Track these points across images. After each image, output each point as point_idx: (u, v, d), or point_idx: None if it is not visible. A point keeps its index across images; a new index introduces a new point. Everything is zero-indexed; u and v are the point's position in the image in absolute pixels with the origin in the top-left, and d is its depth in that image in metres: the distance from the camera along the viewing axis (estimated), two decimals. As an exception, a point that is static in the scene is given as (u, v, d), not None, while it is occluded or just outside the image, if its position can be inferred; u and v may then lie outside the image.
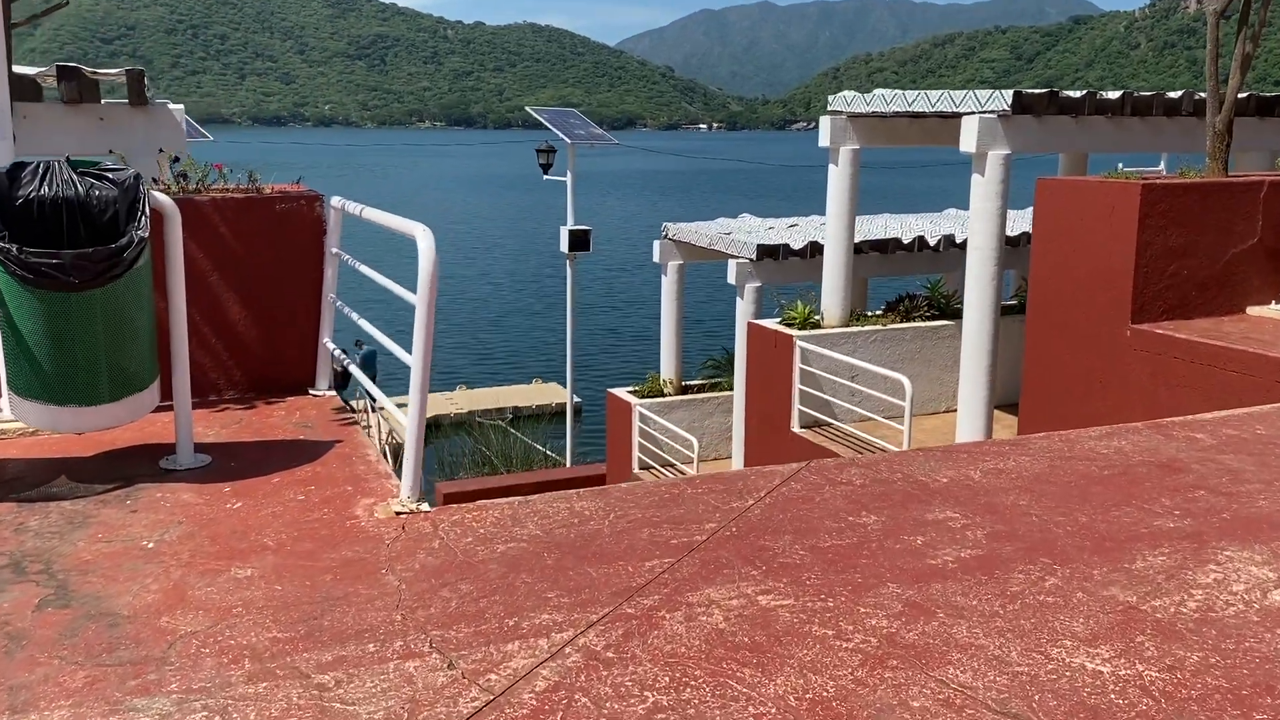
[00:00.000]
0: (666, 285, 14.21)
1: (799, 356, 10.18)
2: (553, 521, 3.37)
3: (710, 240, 13.04)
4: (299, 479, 3.73)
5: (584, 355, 29.73)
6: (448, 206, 73.85)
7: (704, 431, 14.03)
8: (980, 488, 3.75)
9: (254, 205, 4.68)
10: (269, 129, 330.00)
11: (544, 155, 17.32)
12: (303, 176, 5.35)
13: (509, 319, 35.57)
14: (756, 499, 3.59)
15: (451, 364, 29.83)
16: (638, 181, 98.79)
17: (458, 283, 42.73)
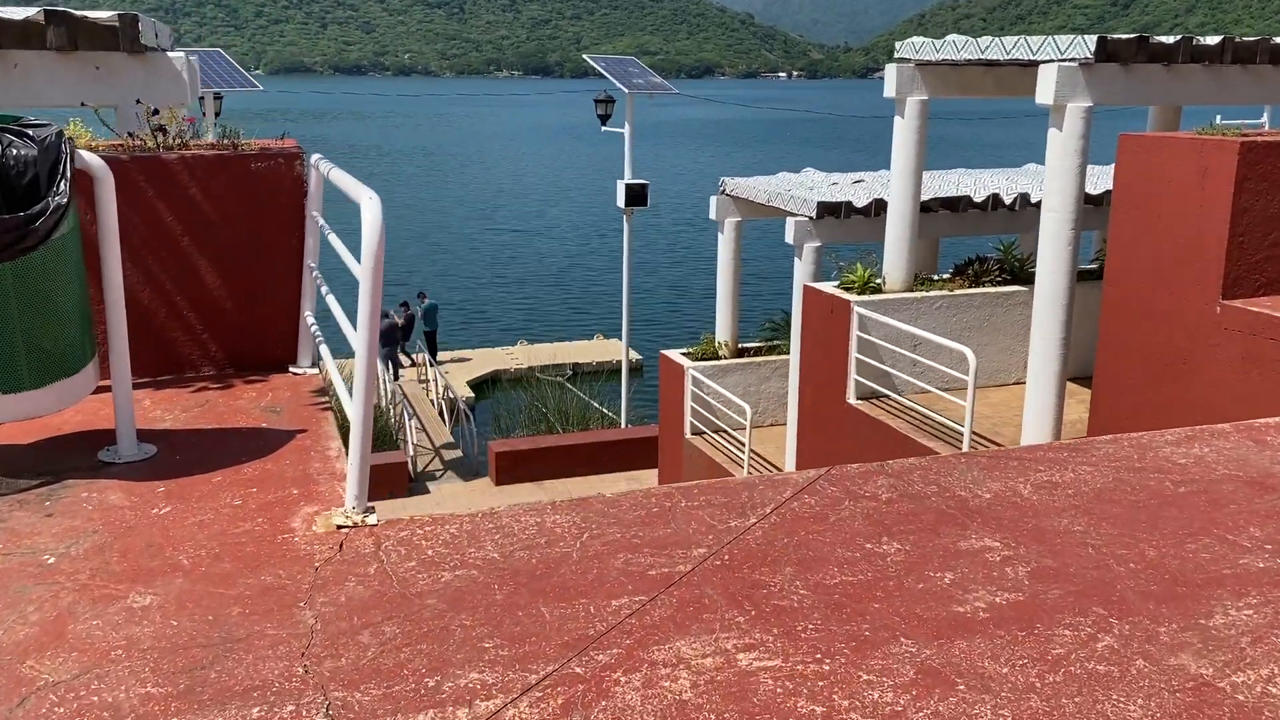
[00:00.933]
0: (723, 243, 13.58)
1: (856, 323, 9.54)
2: (516, 542, 2.89)
3: (769, 196, 12.36)
4: (244, 478, 3.30)
5: (647, 313, 29.22)
6: (518, 157, 73.35)
7: (760, 396, 13.48)
8: (1029, 507, 3.17)
9: (227, 164, 4.24)
10: (349, 78, 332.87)
11: (602, 106, 16.72)
12: (286, 131, 4.89)
13: (572, 273, 35.13)
14: (760, 517, 3.06)
15: (512, 318, 29.54)
16: (711, 132, 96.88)
17: (521, 236, 42.33)
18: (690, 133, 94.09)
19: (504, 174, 63.41)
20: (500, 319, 29.61)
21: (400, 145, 79.85)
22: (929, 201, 11.55)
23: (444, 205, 50.89)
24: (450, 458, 17.31)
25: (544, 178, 61.33)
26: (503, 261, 37.74)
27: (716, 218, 13.41)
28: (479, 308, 31.03)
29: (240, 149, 4.37)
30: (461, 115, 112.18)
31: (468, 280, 34.74)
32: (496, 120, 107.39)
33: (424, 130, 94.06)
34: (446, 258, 38.59)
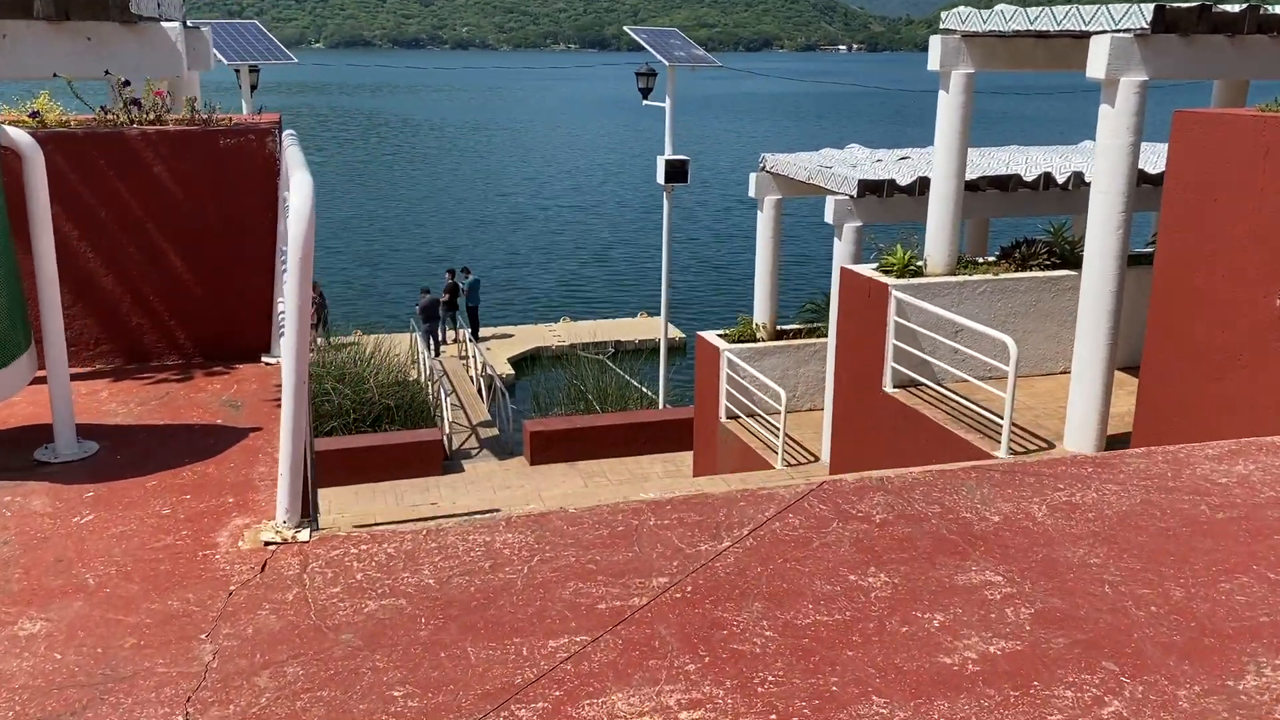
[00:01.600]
0: (762, 222, 13.17)
1: (894, 308, 9.12)
2: (457, 565, 2.61)
3: (809, 174, 11.92)
4: (181, 482, 3.05)
5: (691, 291, 28.77)
6: (568, 130, 72.89)
7: (797, 380, 13.10)
8: (1042, 533, 2.82)
9: (193, 141, 3.98)
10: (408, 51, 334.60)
11: (643, 79, 16.31)
12: (264, 106, 4.62)
13: (617, 249, 34.71)
14: (734, 540, 2.75)
15: (556, 294, 29.28)
16: (763, 106, 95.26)
17: (566, 211, 41.92)
18: (741, 107, 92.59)
19: (552, 148, 63.02)
20: (544, 295, 29.37)
21: (454, 119, 79.74)
22: (976, 180, 11.05)
23: (492, 179, 50.69)
24: (486, 436, 17.15)
25: (592, 152, 60.84)
26: (548, 237, 37.45)
27: (756, 195, 13.00)
28: (523, 283, 30.83)
29: (211, 124, 4.11)
30: (516, 88, 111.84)
31: (512, 255, 34.53)
32: (550, 93, 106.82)
33: (477, 104, 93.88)
34: (492, 232, 38.43)
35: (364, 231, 38.52)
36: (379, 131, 71.85)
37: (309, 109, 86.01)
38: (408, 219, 40.99)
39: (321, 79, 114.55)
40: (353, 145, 64.29)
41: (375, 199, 45.54)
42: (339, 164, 56.12)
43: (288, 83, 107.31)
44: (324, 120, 77.16)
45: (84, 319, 4.00)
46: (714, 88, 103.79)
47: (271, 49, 14.14)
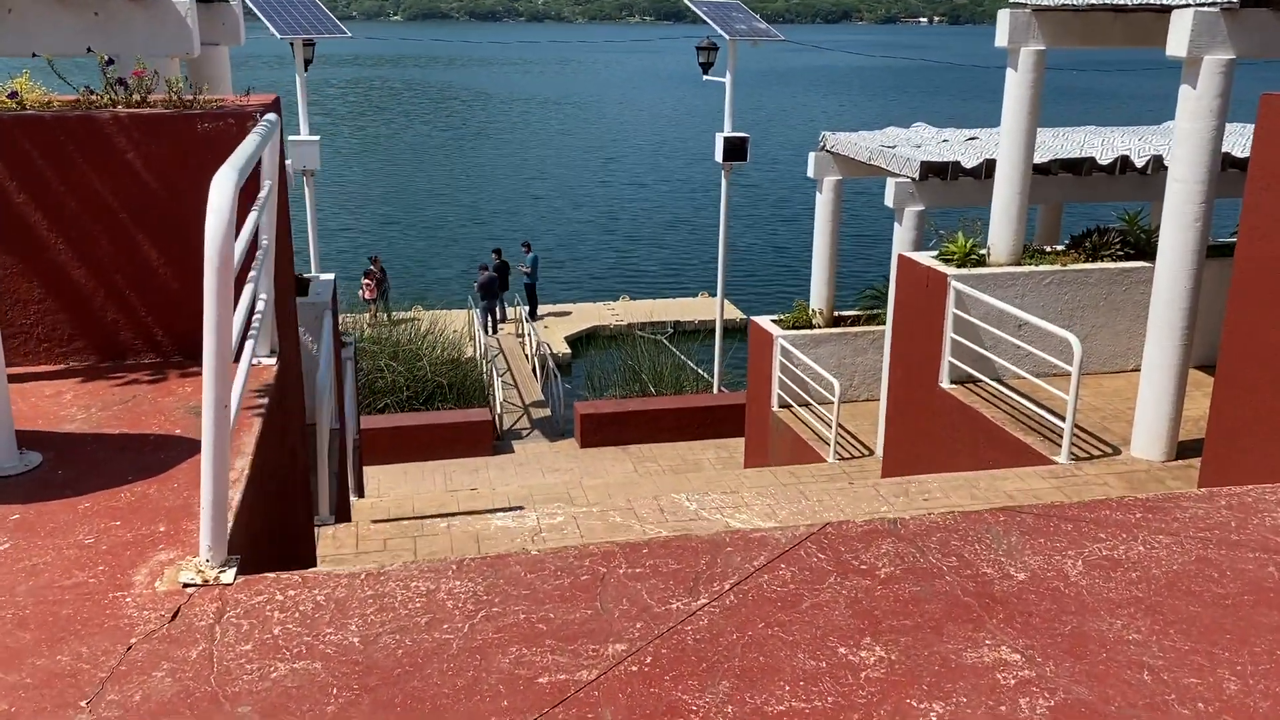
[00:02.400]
0: (821, 203, 12.67)
1: (953, 299, 8.62)
2: (390, 620, 2.29)
3: (870, 154, 11.39)
4: (116, 505, 2.79)
5: (753, 273, 28.17)
6: (636, 105, 72.08)
7: (854, 370, 12.62)
8: (1074, 597, 2.42)
9: (169, 125, 3.71)
10: (485, 24, 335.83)
11: (704, 53, 15.82)
12: (253, 87, 4.35)
13: (679, 227, 34.07)
14: (713, 596, 2.39)
15: (616, 272, 28.87)
16: (836, 80, 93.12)
17: (629, 188, 41.31)
18: (812, 81, 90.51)
19: (618, 123, 62.41)
20: (603, 273, 29.00)
21: (524, 93, 79.48)
22: (1047, 163, 10.44)
23: (556, 154, 50.33)
24: (538, 417, 16.95)
25: (658, 127, 60.07)
26: (609, 213, 36.95)
27: (815, 176, 12.50)
28: (583, 261, 30.48)
29: (193, 106, 3.84)
30: (587, 62, 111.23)
31: (573, 232, 34.16)
32: (620, 66, 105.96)
33: (548, 77, 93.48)
34: (554, 208, 38.12)
35: (428, 206, 38.51)
36: (450, 105, 71.88)
37: (382, 81, 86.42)
38: (472, 194, 40.89)
39: (400, 52, 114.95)
40: (423, 119, 64.40)
41: (442, 173, 45.55)
42: (409, 138, 56.29)
43: (364, 55, 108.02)
44: (396, 94, 77.48)
45: (55, 314, 3.78)
46: (785, 61, 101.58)
47: (325, 22, 13.96)
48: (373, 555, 5.97)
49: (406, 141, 54.92)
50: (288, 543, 4.11)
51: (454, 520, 6.37)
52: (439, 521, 6.36)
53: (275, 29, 13.35)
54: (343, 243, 32.05)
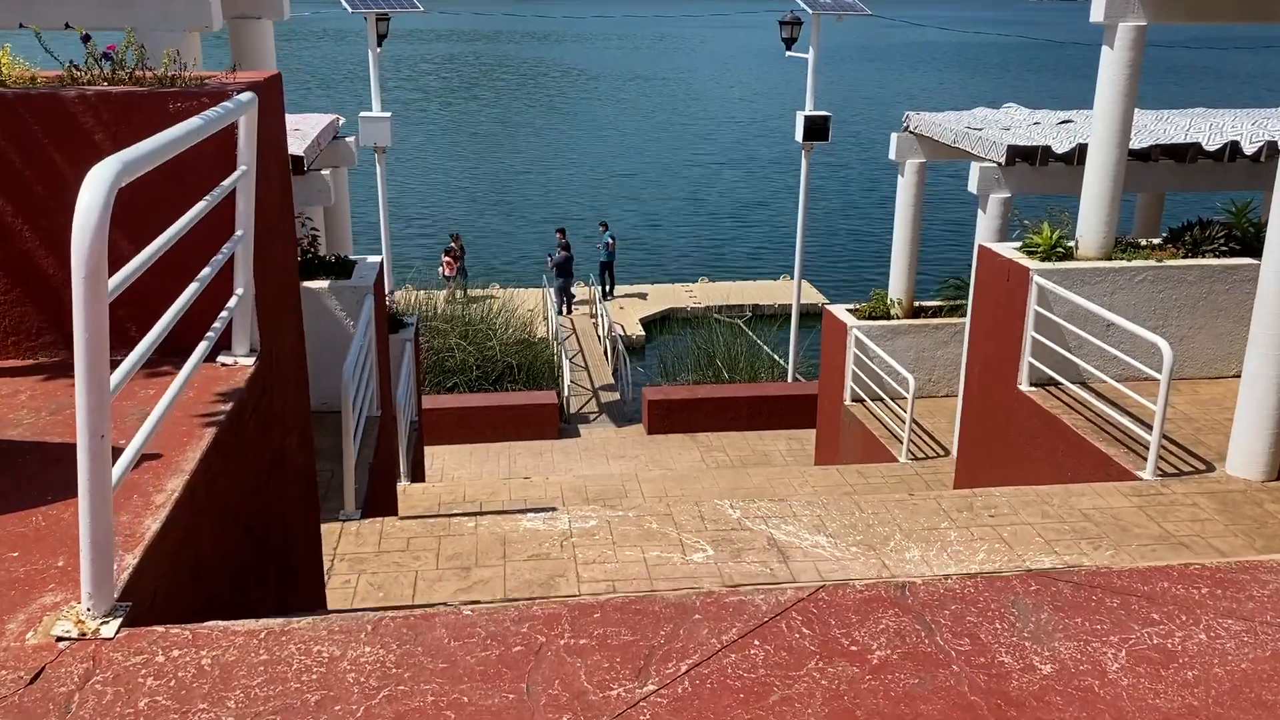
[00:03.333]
0: (903, 187, 12.03)
1: (1035, 296, 7.99)
2: (277, 693, 1.95)
3: (955, 136, 10.72)
4: (23, 531, 2.50)
5: (834, 257, 27.32)
6: (726, 80, 70.85)
7: (934, 364, 12.01)
8: (1111, 702, 1.95)
9: (138, 105, 3.43)
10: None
11: (787, 28, 15.21)
12: (238, 64, 4.04)
13: (761, 207, 33.21)
14: (664, 681, 2.00)
15: (696, 253, 28.31)
16: (934, 57, 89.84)
17: (711, 167, 40.53)
18: (902, 57, 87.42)
19: (705, 99, 61.40)
20: (683, 253, 28.49)
21: (613, 69, 78.87)
22: (1146, 149, 9.68)
23: (640, 131, 49.73)
24: (607, 400, 16.66)
25: (743, 104, 58.95)
26: (692, 192, 36.31)
27: (896, 158, 11.88)
28: (663, 241, 29.97)
29: (173, 84, 3.55)
30: (681, 37, 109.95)
31: (653, 211, 33.63)
32: (717, 41, 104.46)
33: (642, 52, 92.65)
34: (634, 186, 37.65)
35: (510, 183, 38.40)
36: (538, 81, 71.77)
37: (476, 56, 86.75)
38: (554, 171, 40.64)
39: (495, 27, 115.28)
40: (510, 94, 64.41)
41: (528, 149, 45.44)
42: (495, 113, 56.31)
43: (455, 30, 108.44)
44: (488, 70, 77.67)
45: (22, 306, 3.54)
46: (878, 36, 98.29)
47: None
48: (394, 555, 5.71)
49: (493, 117, 54.99)
50: (273, 555, 3.84)
51: (482, 520, 6.07)
52: (467, 520, 6.07)
53: (348, 3, 13.19)
54: (424, 220, 32.13)
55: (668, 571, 5.56)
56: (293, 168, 8.97)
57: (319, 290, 7.36)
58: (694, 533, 6.00)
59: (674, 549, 5.81)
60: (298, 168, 8.96)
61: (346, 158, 10.91)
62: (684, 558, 5.72)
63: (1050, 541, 5.95)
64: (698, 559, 5.71)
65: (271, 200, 4.02)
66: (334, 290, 7.35)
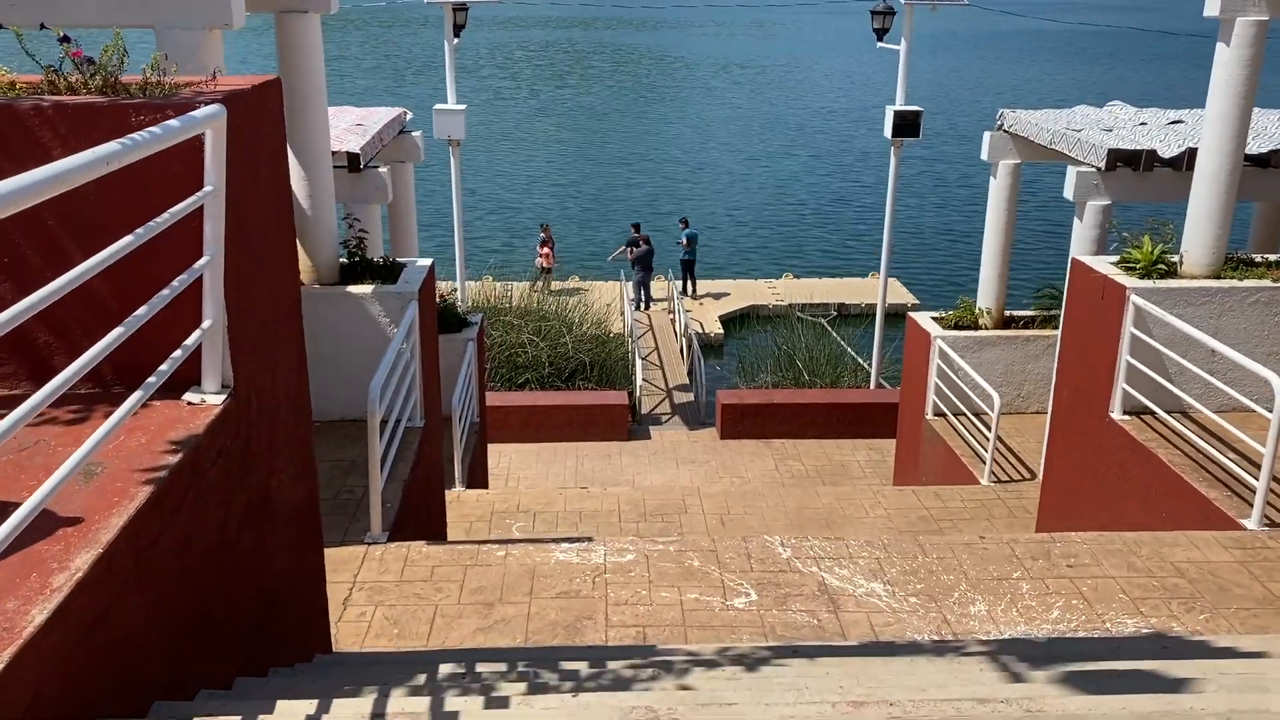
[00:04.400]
0: (995, 189, 11.29)
1: (1131, 316, 7.29)
2: None
3: (1051, 136, 9.97)
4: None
5: (933, 259, 26.26)
6: (823, 69, 69.25)
7: (1024, 378, 11.28)
8: None
9: (96, 118, 3.11)
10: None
11: (879, 18, 14.49)
12: (218, 69, 3.70)
13: (850, 202, 32.16)
14: None
15: (779, 248, 27.53)
16: (1039, 46, 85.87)
17: (802, 159, 39.52)
18: (1004, 47, 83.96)
19: (798, 88, 60.08)
20: (769, 247, 27.77)
21: (707, 56, 77.90)
22: (1266, 154, 8.85)
23: (729, 121, 48.85)
24: (681, 401, 16.22)
25: (838, 93, 57.49)
26: (780, 185, 35.41)
27: (989, 158, 11.17)
28: (748, 234, 29.22)
29: (143, 92, 3.22)
30: (780, 23, 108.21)
31: (738, 203, 32.88)
32: (819, 28, 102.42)
33: (737, 40, 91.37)
34: (723, 177, 36.94)
35: (595, 174, 38.06)
36: (628, 69, 71.28)
37: (568, 43, 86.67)
38: (640, 162, 40.13)
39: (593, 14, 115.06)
40: (600, 82, 64.08)
41: (616, 139, 45.06)
42: (582, 103, 56.05)
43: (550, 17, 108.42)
44: (581, 57, 77.49)
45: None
46: (977, 23, 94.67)
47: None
48: (415, 585, 5.38)
49: (582, 105, 54.72)
50: (247, 612, 3.51)
51: (513, 549, 5.70)
52: (496, 549, 5.71)
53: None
54: (507, 210, 31.96)
55: (704, 618, 5.12)
56: (349, 165, 8.75)
57: (361, 296, 7.08)
58: (738, 573, 5.54)
59: (714, 591, 5.36)
60: (354, 165, 8.72)
61: (412, 153, 10.66)
62: (724, 602, 5.26)
63: (1136, 600, 5.33)
64: (739, 604, 5.25)
65: (263, 218, 3.68)
66: (377, 296, 7.06)
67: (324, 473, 6.65)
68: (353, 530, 5.98)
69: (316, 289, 7.15)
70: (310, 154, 7.05)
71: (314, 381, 7.40)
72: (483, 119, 46.23)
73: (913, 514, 9.35)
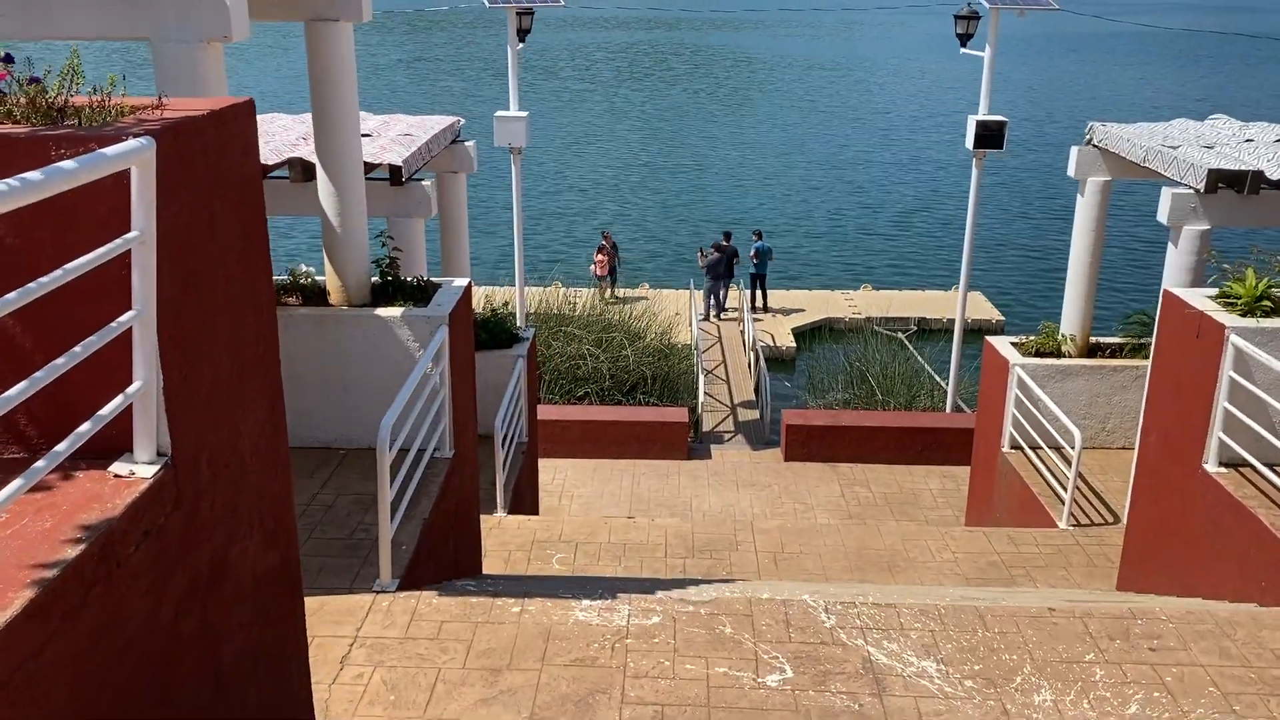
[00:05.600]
0: (1083, 208, 10.53)
1: (1230, 358, 6.56)
2: None
3: (1145, 153, 9.19)
4: None
5: (1019, 276, 25.12)
6: (906, 72, 67.49)
7: (1109, 410, 10.51)
8: None
9: (10, 149, 2.72)
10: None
11: (962, 22, 13.74)
12: (164, 93, 3.30)
13: (933, 211, 30.96)
14: None
15: (857, 258, 26.63)
16: (1147, 50, 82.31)
17: (883, 166, 38.32)
18: (1102, 49, 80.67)
19: (883, 90, 58.64)
20: (845, 258, 26.91)
21: (790, 57, 76.68)
22: (1390, 178, 7.96)
23: (808, 125, 47.79)
24: (745, 419, 15.66)
25: (924, 96, 55.90)
26: (860, 191, 34.39)
27: (1076, 175, 10.43)
28: (824, 243, 28.34)
29: (61, 122, 2.84)
30: (873, 24, 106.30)
31: (817, 210, 31.99)
32: (907, 29, 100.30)
33: (820, 40, 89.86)
34: (801, 183, 36.07)
35: (668, 178, 37.48)
36: (708, 70, 70.53)
37: (650, 45, 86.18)
38: (715, 166, 39.42)
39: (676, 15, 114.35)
40: (677, 84, 63.46)
41: (690, 142, 44.42)
42: (659, 105, 55.50)
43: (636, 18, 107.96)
44: (660, 59, 76.93)
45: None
46: (1071, 26, 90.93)
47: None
48: (420, 644, 4.96)
49: (659, 108, 54.19)
50: (192, 704, 3.11)
51: (529, 605, 5.25)
52: (512, 604, 5.27)
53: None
54: (574, 214, 31.58)
55: (732, 697, 4.60)
56: (390, 178, 8.41)
57: (390, 319, 6.70)
58: (774, 643, 5.01)
59: (746, 665, 4.84)
60: (396, 178, 8.39)
61: (465, 163, 10.31)
62: (755, 679, 4.74)
63: (1228, 695, 4.66)
64: (772, 682, 4.72)
65: (223, 260, 3.27)
66: (406, 319, 6.67)
67: (343, 508, 6.29)
68: (364, 575, 5.60)
69: (344, 311, 6.79)
70: (339, 169, 6.70)
71: (341, 408, 7.10)
72: (557, 122, 46.03)
73: (982, 559, 8.69)
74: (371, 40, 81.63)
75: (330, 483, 6.57)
